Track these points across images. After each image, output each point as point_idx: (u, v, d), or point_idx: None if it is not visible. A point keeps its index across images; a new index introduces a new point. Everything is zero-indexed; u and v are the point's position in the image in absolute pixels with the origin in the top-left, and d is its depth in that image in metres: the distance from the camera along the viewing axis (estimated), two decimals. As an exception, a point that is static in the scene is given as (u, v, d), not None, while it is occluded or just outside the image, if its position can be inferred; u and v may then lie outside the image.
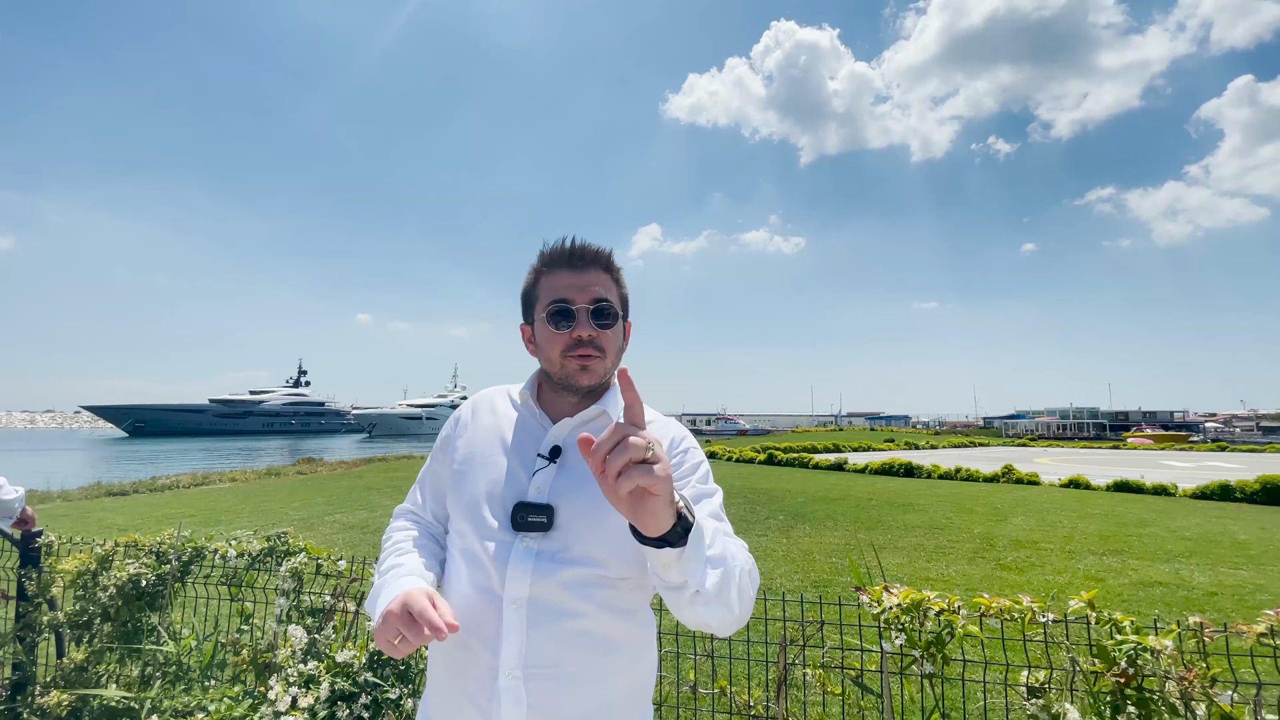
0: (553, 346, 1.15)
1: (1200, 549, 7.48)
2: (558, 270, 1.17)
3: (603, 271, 1.18)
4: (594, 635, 1.06)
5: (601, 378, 1.17)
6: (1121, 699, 1.68)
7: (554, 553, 1.06)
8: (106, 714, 2.43)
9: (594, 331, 1.13)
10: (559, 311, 1.14)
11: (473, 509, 1.13)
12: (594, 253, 1.18)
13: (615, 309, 1.17)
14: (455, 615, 1.06)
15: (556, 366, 1.16)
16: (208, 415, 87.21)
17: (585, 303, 1.14)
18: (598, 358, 1.14)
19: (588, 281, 1.15)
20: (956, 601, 1.81)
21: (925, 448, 30.95)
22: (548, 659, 1.03)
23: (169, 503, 11.37)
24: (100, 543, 2.83)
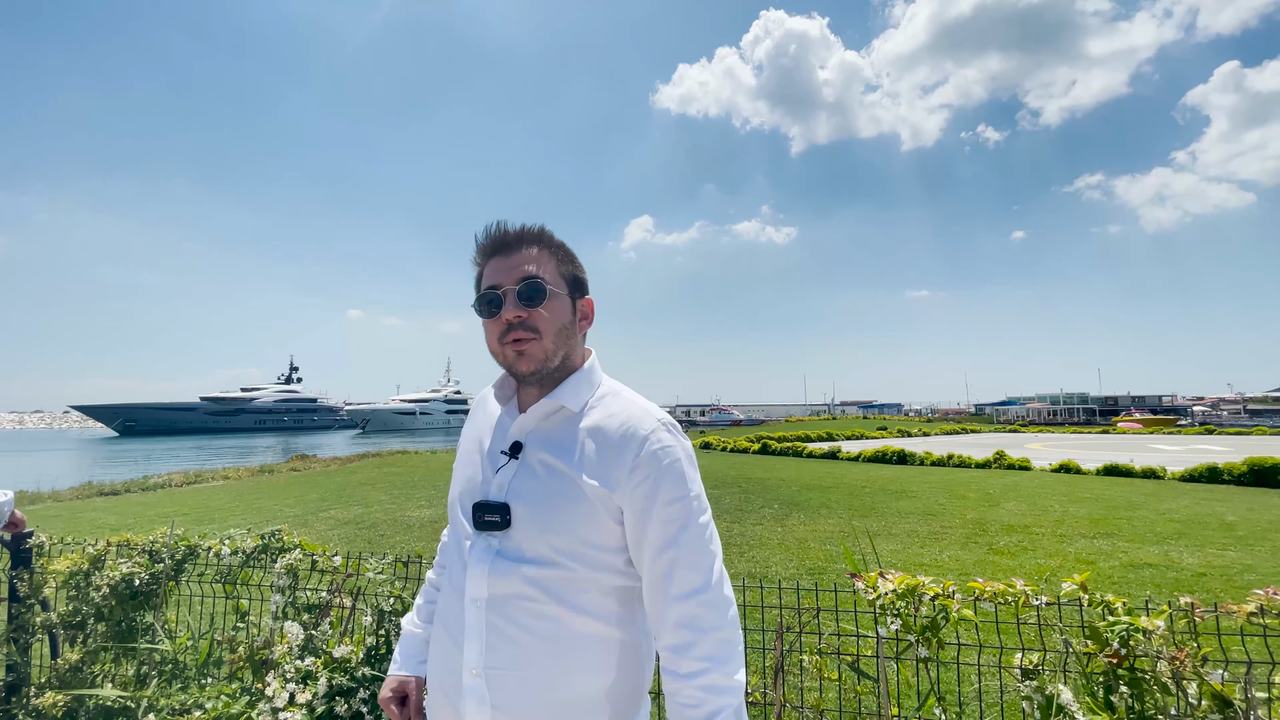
0: (490, 335, 1.13)
1: (1189, 531, 7.57)
2: (490, 259, 1.14)
3: (535, 248, 1.13)
4: (555, 635, 1.03)
5: (543, 362, 1.09)
6: (1114, 679, 1.70)
7: (510, 551, 1.05)
8: (103, 714, 2.42)
9: (522, 312, 1.08)
10: (487, 299, 1.11)
11: (452, 508, 1.18)
12: (519, 233, 1.13)
13: (545, 286, 1.09)
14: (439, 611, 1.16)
15: (499, 355, 1.13)
16: (199, 413, 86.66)
17: (511, 284, 1.09)
18: (532, 339, 1.08)
19: (516, 262, 1.11)
20: (951, 586, 1.82)
21: (918, 435, 31.15)
22: (508, 658, 1.02)
23: (161, 502, 11.30)
24: (92, 543, 2.81)
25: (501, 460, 1.12)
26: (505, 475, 1.10)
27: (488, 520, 1.06)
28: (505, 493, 1.09)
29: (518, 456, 1.11)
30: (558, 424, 1.12)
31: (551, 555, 1.03)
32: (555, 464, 1.08)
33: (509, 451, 1.12)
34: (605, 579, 1.06)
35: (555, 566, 1.03)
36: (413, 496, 11.03)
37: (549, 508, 1.05)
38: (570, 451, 1.08)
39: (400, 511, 9.41)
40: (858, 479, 13.40)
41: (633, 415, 1.09)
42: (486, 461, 1.15)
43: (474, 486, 1.14)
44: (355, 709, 2.14)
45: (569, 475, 1.06)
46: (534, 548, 1.04)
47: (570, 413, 1.12)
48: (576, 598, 1.04)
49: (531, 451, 1.11)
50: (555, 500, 1.05)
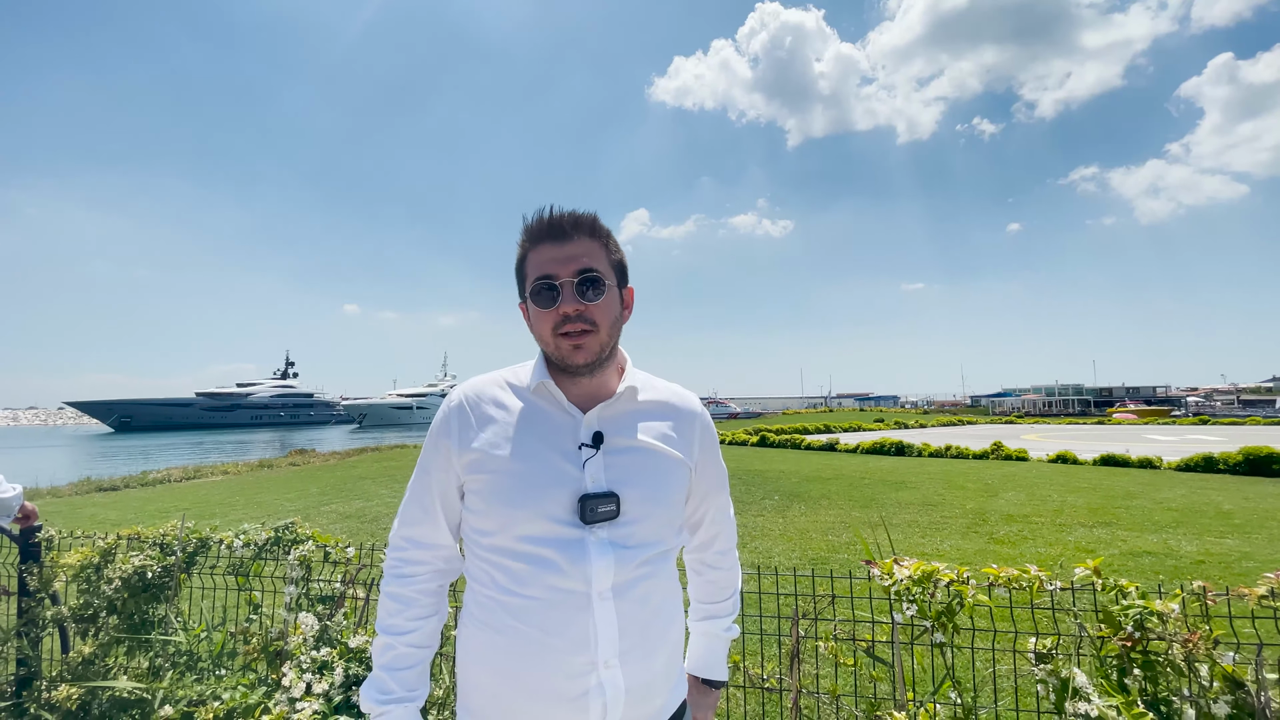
0: (543, 325, 1.10)
1: (1186, 519, 7.64)
2: (540, 244, 1.10)
3: (588, 239, 1.10)
4: (660, 607, 1.12)
5: (597, 354, 1.09)
6: (1128, 662, 1.72)
7: (625, 539, 1.07)
8: (117, 706, 2.42)
9: (581, 305, 1.07)
10: (543, 288, 1.08)
11: (526, 505, 1.05)
12: (574, 220, 1.09)
13: (603, 279, 1.09)
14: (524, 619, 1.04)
15: (550, 346, 1.10)
16: (195, 409, 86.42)
17: (569, 276, 1.07)
18: (590, 333, 1.08)
19: (572, 252, 1.08)
20: (965, 572, 1.84)
21: (915, 427, 31.27)
22: (636, 641, 1.06)
23: (161, 497, 11.28)
24: (102, 536, 2.81)
25: (586, 452, 1.09)
26: (596, 467, 1.08)
27: (601, 511, 1.05)
28: (606, 482, 1.08)
29: (597, 447, 1.09)
30: (624, 408, 1.16)
31: (659, 535, 1.11)
32: (646, 445, 1.14)
33: (591, 443, 1.09)
34: (680, 542, 1.20)
35: (661, 544, 1.12)
36: (413, 490, 11.04)
37: (656, 488, 1.11)
38: (651, 432, 1.16)
39: (401, 505, 9.42)
40: (857, 470, 13.46)
41: (680, 392, 1.25)
42: (557, 456, 1.08)
43: (562, 482, 1.07)
44: (372, 698, 2.15)
45: (662, 453, 1.15)
46: (649, 530, 1.10)
47: (634, 393, 1.17)
48: (668, 569, 1.15)
49: (615, 438, 1.12)
50: (659, 480, 1.12)
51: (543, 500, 1.05)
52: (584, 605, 1.02)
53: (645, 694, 1.07)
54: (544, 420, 1.12)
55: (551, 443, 1.09)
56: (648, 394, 1.20)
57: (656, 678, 1.09)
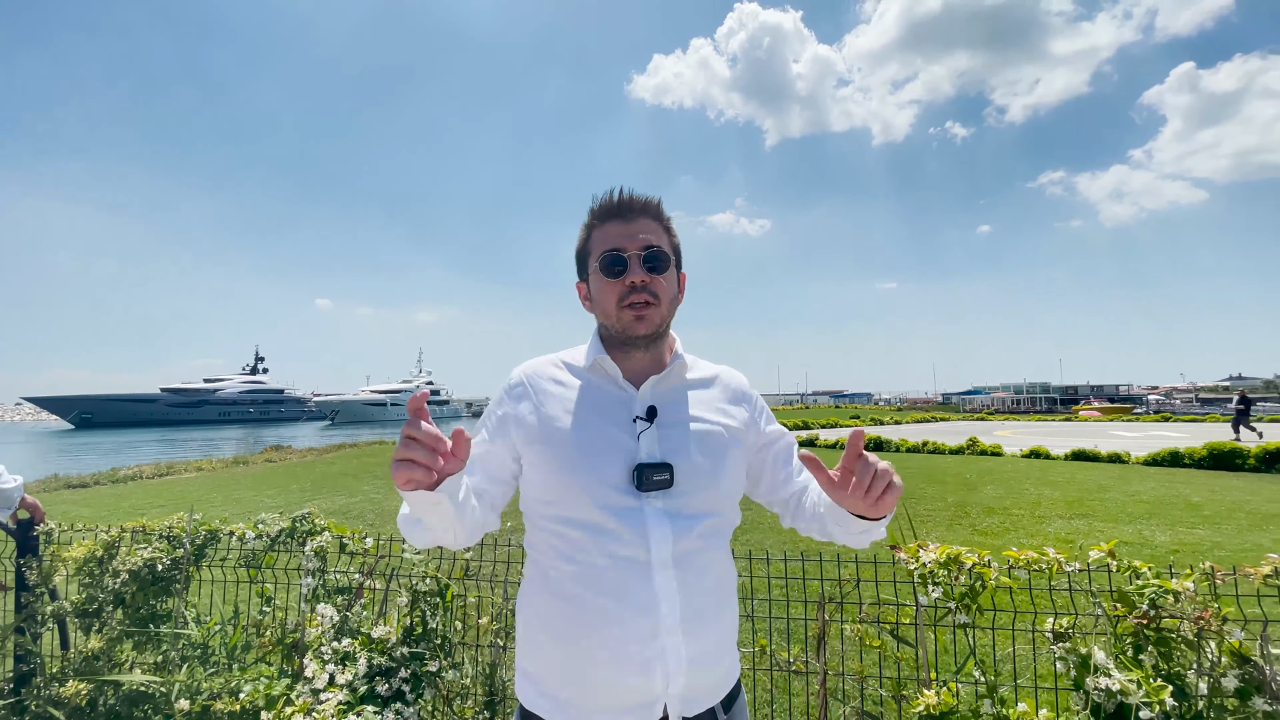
0: (607, 297, 1.16)
1: (1158, 511, 7.91)
2: (608, 222, 1.18)
3: (652, 220, 1.19)
4: (720, 577, 1.16)
5: (657, 326, 1.17)
6: (1143, 639, 1.80)
7: (682, 509, 1.10)
8: (128, 701, 2.38)
9: (646, 277, 1.14)
10: (611, 260, 1.15)
11: (583, 479, 1.09)
12: (642, 202, 1.18)
13: (666, 255, 1.17)
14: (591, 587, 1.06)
15: (613, 318, 1.16)
16: (160, 405, 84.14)
17: (636, 250, 1.15)
18: (653, 305, 1.15)
19: (638, 229, 1.16)
20: (987, 555, 1.90)
21: (890, 424, 31.81)
22: (698, 610, 1.09)
23: (134, 494, 10.99)
24: (105, 529, 2.75)
25: (641, 425, 1.14)
26: (650, 439, 1.12)
27: (656, 480, 1.08)
28: (660, 453, 1.12)
29: (652, 420, 1.14)
30: (676, 383, 1.22)
31: (717, 504, 1.14)
32: (698, 417, 1.18)
33: (645, 416, 1.14)
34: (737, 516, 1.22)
35: (718, 515, 1.15)
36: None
37: (709, 457, 1.14)
38: (702, 405, 1.20)
39: (387, 501, 9.31)
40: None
41: (729, 370, 1.32)
42: (614, 428, 1.14)
43: (619, 453, 1.11)
44: (396, 688, 2.15)
45: (714, 425, 1.18)
46: (704, 500, 1.12)
47: (685, 368, 1.23)
48: (724, 538, 1.19)
49: (669, 411, 1.17)
50: (711, 450, 1.15)
51: (601, 468, 1.09)
52: (645, 573, 1.06)
53: (707, 664, 1.10)
54: (600, 395, 1.18)
55: (608, 415, 1.15)
56: (697, 371, 1.27)
57: (716, 650, 1.12)
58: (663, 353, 1.23)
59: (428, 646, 2.24)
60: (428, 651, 2.23)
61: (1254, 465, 11.80)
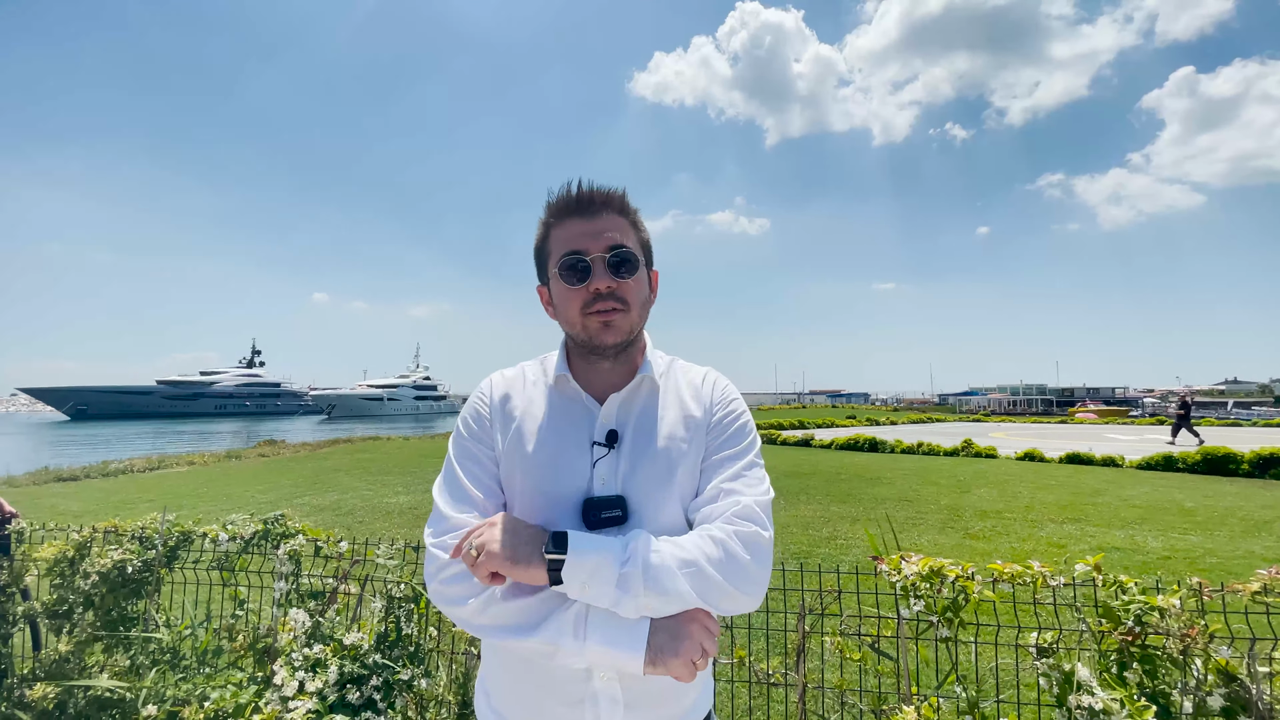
0: (570, 304, 1.04)
1: (1151, 516, 7.89)
2: (568, 219, 1.05)
3: (617, 215, 1.06)
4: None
5: (627, 334, 1.06)
6: (1127, 656, 1.76)
7: None
8: (96, 705, 2.33)
9: (613, 283, 1.02)
10: (572, 264, 1.02)
11: (534, 509, 1.02)
12: (605, 195, 1.05)
13: (635, 256, 1.05)
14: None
15: (577, 326, 1.05)
16: (155, 397, 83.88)
17: (600, 251, 1.02)
18: (621, 312, 1.04)
19: (602, 228, 1.03)
20: (971, 568, 1.86)
21: (886, 424, 31.80)
22: None
23: (124, 488, 10.92)
24: (77, 529, 2.70)
25: (599, 451, 1.04)
26: (607, 467, 1.03)
27: (605, 516, 0.98)
28: (615, 484, 1.02)
29: (613, 445, 1.04)
30: (644, 400, 1.10)
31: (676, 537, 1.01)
32: (663, 443, 1.05)
33: (604, 441, 1.04)
34: None
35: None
36: (389, 483, 10.86)
37: (663, 492, 1.01)
38: (669, 424, 1.07)
39: (378, 498, 9.26)
40: (833, 466, 13.63)
41: (708, 375, 1.17)
42: (572, 455, 1.04)
43: (570, 484, 1.02)
44: (369, 696, 2.10)
45: (679, 450, 1.04)
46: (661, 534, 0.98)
47: (654, 385, 1.11)
48: None
49: (633, 433, 1.06)
50: (674, 477, 1.02)
51: (550, 506, 1.01)
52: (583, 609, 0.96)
53: (651, 705, 1.00)
54: (563, 415, 1.08)
55: (567, 439, 1.06)
56: (675, 378, 1.14)
57: (663, 691, 1.01)
58: (634, 360, 1.12)
59: (402, 653, 2.20)
60: (401, 659, 2.19)
61: (1248, 471, 11.79)
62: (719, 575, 0.91)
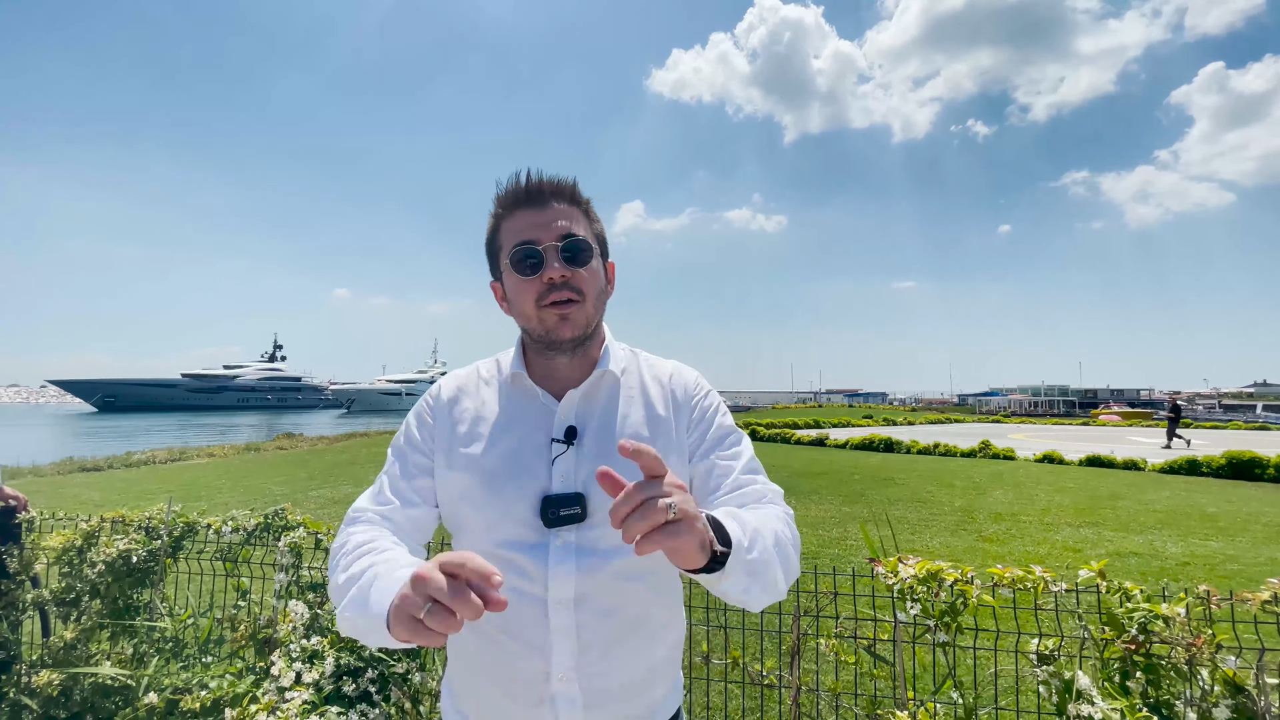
0: (524, 297, 1.00)
1: (1171, 521, 7.72)
2: (517, 210, 1.01)
3: (569, 205, 1.03)
4: (641, 621, 1.01)
5: (584, 327, 1.02)
6: (1130, 665, 1.71)
7: (594, 545, 0.97)
8: (100, 692, 2.37)
9: (566, 271, 0.99)
10: (524, 254, 0.98)
11: (489, 507, 0.99)
12: (554, 185, 1.01)
13: (589, 244, 1.02)
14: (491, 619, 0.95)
15: (533, 320, 1.01)
16: (180, 390, 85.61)
17: (552, 240, 0.99)
18: (577, 303, 1.00)
19: (552, 217, 1.00)
20: (970, 571, 1.82)
21: (903, 424, 31.49)
22: (599, 655, 0.97)
23: (145, 478, 11.15)
24: (85, 518, 2.75)
25: (557, 448, 1.00)
26: (566, 464, 0.99)
27: (564, 515, 0.95)
28: (575, 482, 0.98)
29: (572, 441, 1.01)
30: (604, 395, 1.06)
31: None
32: (629, 434, 1.02)
33: (563, 438, 1.01)
34: None
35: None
36: (402, 477, 10.96)
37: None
38: (631, 421, 1.03)
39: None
40: (846, 466, 13.52)
41: (675, 370, 1.14)
42: (528, 454, 1.01)
43: (527, 483, 0.99)
44: (364, 688, 2.11)
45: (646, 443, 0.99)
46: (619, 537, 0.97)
47: (614, 379, 1.07)
48: (658, 582, 1.02)
49: (592, 429, 1.03)
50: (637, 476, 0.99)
51: (507, 504, 0.98)
52: (542, 611, 0.95)
53: (612, 706, 0.98)
54: (519, 413, 1.05)
55: (523, 438, 1.02)
56: (637, 372, 1.10)
57: (626, 691, 0.99)
58: (592, 354, 1.08)
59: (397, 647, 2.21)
60: (397, 652, 2.20)
61: (1273, 475, 11.50)
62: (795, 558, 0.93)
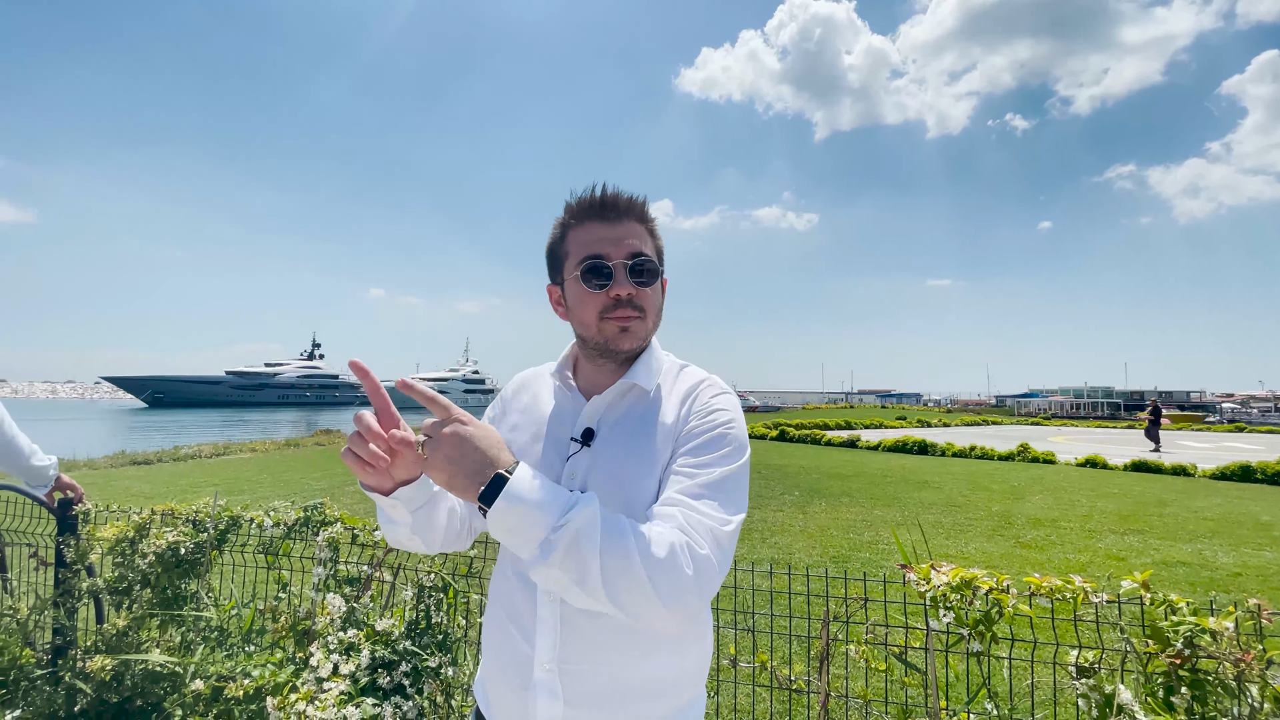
0: (587, 308, 1.04)
1: (1222, 530, 7.41)
2: (588, 222, 1.05)
3: (638, 222, 1.06)
4: (631, 629, 0.98)
5: (643, 340, 1.07)
6: (1175, 680, 1.66)
7: None
8: (149, 678, 2.47)
9: (633, 290, 1.02)
10: (593, 268, 1.02)
11: None
12: (628, 202, 1.05)
13: (655, 264, 1.05)
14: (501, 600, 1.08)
15: (593, 330, 1.05)
16: (224, 387, 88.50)
17: (622, 258, 1.02)
18: (638, 318, 1.04)
19: (623, 234, 1.03)
20: (1006, 580, 1.78)
21: (938, 426, 30.84)
22: (583, 653, 0.98)
23: (191, 472, 11.56)
24: (137, 511, 2.86)
25: (572, 447, 1.06)
26: (579, 463, 1.04)
27: None
28: (580, 481, 1.03)
29: (589, 443, 1.05)
30: (633, 404, 1.09)
31: None
32: (635, 447, 1.03)
33: (580, 438, 1.06)
34: None
35: None
36: (435, 474, 11.16)
37: (631, 494, 0.99)
38: (650, 433, 1.04)
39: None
40: (878, 468, 13.30)
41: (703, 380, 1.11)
42: (550, 449, 1.08)
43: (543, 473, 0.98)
44: (398, 681, 2.16)
45: (650, 457, 1.02)
46: None
47: (644, 392, 1.09)
48: None
49: (607, 436, 1.06)
50: (636, 486, 1.00)
51: None
52: (533, 599, 1.02)
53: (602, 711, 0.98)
54: (557, 410, 1.13)
55: (553, 434, 1.10)
56: (669, 383, 1.11)
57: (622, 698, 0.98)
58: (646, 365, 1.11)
59: (430, 641, 2.26)
60: (430, 646, 2.24)
61: (1336, 483, 10.95)
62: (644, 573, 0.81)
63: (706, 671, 1.13)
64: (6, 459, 2.42)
